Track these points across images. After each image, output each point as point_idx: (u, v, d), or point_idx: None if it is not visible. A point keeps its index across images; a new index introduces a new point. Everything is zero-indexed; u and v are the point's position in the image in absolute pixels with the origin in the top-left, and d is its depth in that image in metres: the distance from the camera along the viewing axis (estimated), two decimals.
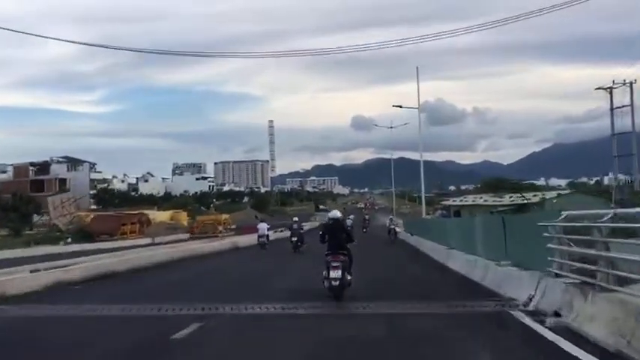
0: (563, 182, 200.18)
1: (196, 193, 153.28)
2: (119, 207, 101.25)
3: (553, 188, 57.93)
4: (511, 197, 54.56)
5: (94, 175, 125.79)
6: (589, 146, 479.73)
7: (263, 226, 34.29)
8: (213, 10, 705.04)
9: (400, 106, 33.67)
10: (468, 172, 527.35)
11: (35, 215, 78.32)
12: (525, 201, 42.46)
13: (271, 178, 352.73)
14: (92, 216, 68.16)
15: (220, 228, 62.70)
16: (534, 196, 52.64)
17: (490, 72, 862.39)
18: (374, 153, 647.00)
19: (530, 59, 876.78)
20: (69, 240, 60.85)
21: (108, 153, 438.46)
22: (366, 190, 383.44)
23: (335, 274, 11.71)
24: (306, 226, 76.02)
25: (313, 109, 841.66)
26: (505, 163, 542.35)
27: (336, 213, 13.91)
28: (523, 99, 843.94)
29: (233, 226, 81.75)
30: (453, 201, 67.58)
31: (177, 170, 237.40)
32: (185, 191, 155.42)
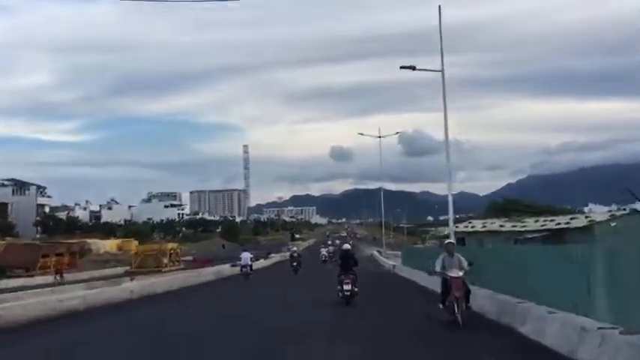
0: None
1: (162, 221, 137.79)
2: (67, 235, 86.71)
3: (580, 212, 45.37)
4: (537, 221, 41.50)
5: (43, 200, 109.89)
6: (563, 177, 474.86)
7: (246, 256, 32.58)
8: (190, 41, 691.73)
9: (414, 68, 20.41)
10: (445, 202, 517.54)
11: None
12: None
13: (248, 207, 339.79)
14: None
15: (165, 260, 48.23)
16: (572, 219, 39.86)
17: (467, 105, 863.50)
18: (352, 184, 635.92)
19: (506, 93, 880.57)
20: None
21: (82, 182, 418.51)
22: (344, 220, 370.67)
23: (347, 287, 16.24)
24: (277, 257, 62.75)
25: (292, 140, 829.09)
26: (481, 194, 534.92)
27: (347, 245, 19.63)
28: (499, 131, 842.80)
29: (189, 257, 67.37)
30: (456, 227, 54.14)
31: (152, 199, 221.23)
32: (149, 219, 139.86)
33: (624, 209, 44.73)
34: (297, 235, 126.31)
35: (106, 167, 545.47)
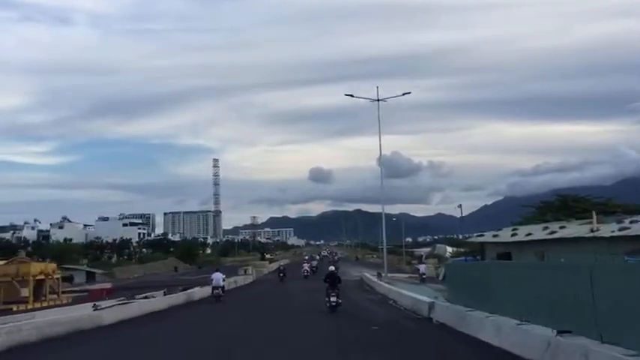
0: None
1: (115, 240, 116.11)
2: None
3: None
4: None
5: None
6: (539, 199, 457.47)
7: (218, 276, 27.69)
8: (165, 64, 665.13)
9: None
10: (422, 224, 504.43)
11: None
12: None
13: (224, 229, 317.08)
14: None
15: (25, 292, 27.86)
16: None
17: (444, 127, 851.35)
18: (330, 205, 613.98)
19: (481, 115, 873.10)
20: None
21: (53, 205, 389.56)
22: (322, 242, 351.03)
23: (333, 299, 19.57)
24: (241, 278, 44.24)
25: (270, 162, 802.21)
26: (458, 216, 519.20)
27: (332, 267, 21.76)
28: (476, 153, 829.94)
29: (106, 285, 46.51)
30: (494, 237, 34.13)
31: (123, 219, 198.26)
32: (97, 238, 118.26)
33: None
34: (267, 255, 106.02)
35: (79, 189, 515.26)
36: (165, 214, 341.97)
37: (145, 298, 24.27)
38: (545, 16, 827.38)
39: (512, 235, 31.14)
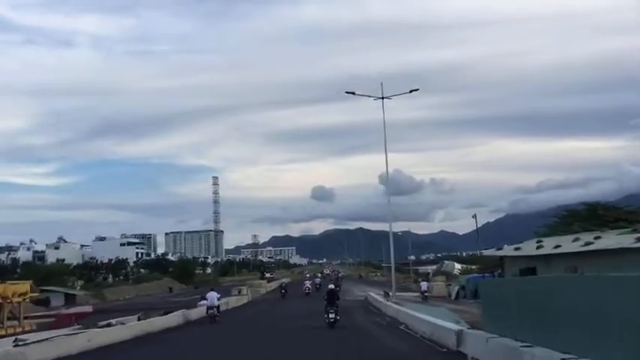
0: None
1: (111, 260, 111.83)
2: None
3: None
4: None
5: None
6: (541, 216, 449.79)
7: (212, 296, 26.57)
8: (167, 84, 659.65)
9: None
10: (425, 242, 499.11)
11: None
12: None
13: (225, 249, 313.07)
14: None
15: None
16: None
17: (446, 144, 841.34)
18: (333, 224, 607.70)
19: (483, 132, 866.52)
20: None
21: (56, 225, 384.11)
22: (325, 260, 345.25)
23: (331, 315, 20.64)
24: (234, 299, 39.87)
25: (272, 181, 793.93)
26: (461, 233, 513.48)
27: (332, 285, 22.89)
28: (478, 170, 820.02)
29: (87, 308, 42.10)
30: (516, 250, 29.49)
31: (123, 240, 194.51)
32: (92, 258, 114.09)
33: None
34: (267, 274, 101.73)
35: (80, 210, 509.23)
36: (166, 234, 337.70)
37: (109, 325, 20.16)
38: (547, 32, 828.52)
39: (538, 248, 27.02)
